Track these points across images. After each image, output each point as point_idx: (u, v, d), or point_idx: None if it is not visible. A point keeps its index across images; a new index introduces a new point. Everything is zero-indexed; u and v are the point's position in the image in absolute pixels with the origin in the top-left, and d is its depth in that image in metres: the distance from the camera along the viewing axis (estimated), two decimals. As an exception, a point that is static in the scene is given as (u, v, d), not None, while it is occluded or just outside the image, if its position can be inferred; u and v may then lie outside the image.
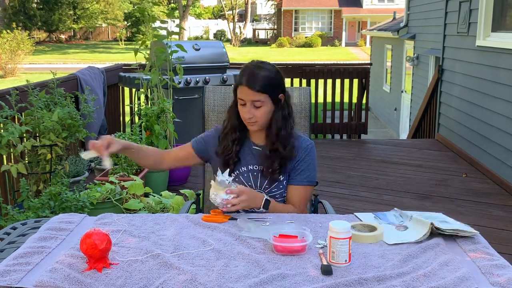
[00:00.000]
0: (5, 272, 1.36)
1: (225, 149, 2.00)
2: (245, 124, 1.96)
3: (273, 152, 1.96)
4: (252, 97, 1.88)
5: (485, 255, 1.48)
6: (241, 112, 1.94)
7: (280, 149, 1.95)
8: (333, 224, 1.45)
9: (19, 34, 21.42)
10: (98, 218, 1.79)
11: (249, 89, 1.87)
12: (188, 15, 38.16)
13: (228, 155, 1.99)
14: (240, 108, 1.94)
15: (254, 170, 2.01)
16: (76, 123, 3.61)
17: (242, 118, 1.95)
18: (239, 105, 1.93)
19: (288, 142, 1.96)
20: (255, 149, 2.02)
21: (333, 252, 1.43)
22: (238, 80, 1.92)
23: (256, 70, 1.90)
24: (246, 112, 1.90)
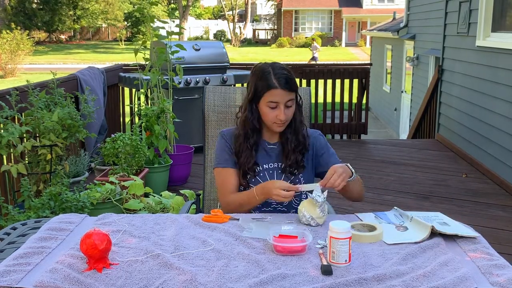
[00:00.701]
0: (5, 272, 1.36)
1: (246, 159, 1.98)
2: (272, 126, 1.96)
3: (297, 145, 2.00)
4: (287, 98, 1.91)
5: (485, 255, 1.48)
6: (271, 115, 1.92)
7: (302, 141, 2.00)
8: (333, 224, 1.46)
9: (19, 34, 21.42)
10: (98, 218, 1.79)
11: (284, 91, 1.89)
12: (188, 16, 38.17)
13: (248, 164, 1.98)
14: (268, 111, 1.93)
15: (270, 169, 2.02)
16: (76, 123, 3.61)
17: (268, 121, 1.95)
18: (268, 108, 1.92)
19: (306, 134, 2.03)
20: (270, 147, 2.03)
21: (333, 252, 1.43)
22: (265, 84, 1.91)
23: (281, 71, 1.92)
24: (281, 113, 1.91)
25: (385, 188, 4.62)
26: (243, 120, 2.00)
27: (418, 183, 4.77)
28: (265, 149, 2.03)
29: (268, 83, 1.90)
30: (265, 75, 1.92)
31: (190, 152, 4.70)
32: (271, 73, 1.91)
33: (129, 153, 3.91)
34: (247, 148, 1.98)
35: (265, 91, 1.91)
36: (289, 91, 1.91)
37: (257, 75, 1.95)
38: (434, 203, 4.23)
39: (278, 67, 1.95)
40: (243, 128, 2.00)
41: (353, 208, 4.06)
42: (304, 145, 2.01)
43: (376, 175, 5.02)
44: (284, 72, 1.92)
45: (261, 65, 1.98)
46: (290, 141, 2.00)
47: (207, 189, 2.39)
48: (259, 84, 1.93)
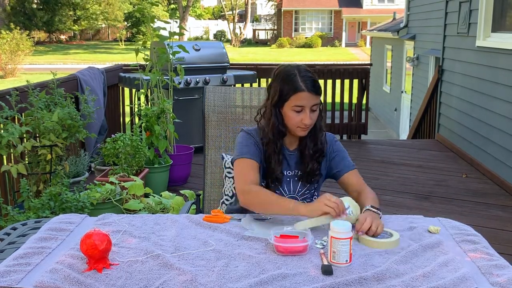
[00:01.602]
0: (5, 273, 1.36)
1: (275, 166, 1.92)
2: (295, 131, 1.89)
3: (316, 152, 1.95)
4: (313, 101, 1.86)
5: (485, 255, 1.48)
6: (296, 119, 1.86)
7: (320, 147, 1.95)
8: (334, 224, 1.46)
9: (18, 34, 21.42)
10: (98, 219, 1.79)
11: (311, 94, 1.84)
12: (188, 16, 38.18)
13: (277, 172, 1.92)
14: (293, 115, 1.86)
15: (287, 176, 1.97)
16: (76, 123, 3.61)
17: (293, 125, 1.88)
18: (293, 112, 1.86)
19: (325, 141, 1.98)
20: (289, 154, 1.98)
21: (333, 252, 1.43)
22: (291, 87, 1.84)
23: (307, 74, 1.87)
24: (307, 117, 1.85)
25: (385, 188, 4.62)
26: (271, 125, 1.91)
27: (418, 183, 4.77)
28: (284, 155, 1.97)
29: (295, 86, 1.84)
30: (291, 77, 1.86)
31: (190, 152, 4.70)
32: (297, 76, 1.85)
33: (129, 154, 3.91)
34: (275, 152, 1.92)
35: (291, 94, 1.85)
36: (316, 94, 1.86)
37: (282, 78, 1.88)
38: (434, 203, 4.23)
39: (304, 69, 1.89)
40: (272, 133, 1.91)
41: (353, 208, 4.06)
42: (322, 152, 1.96)
43: (376, 175, 5.02)
44: (310, 75, 1.87)
45: (286, 67, 1.91)
46: (309, 147, 1.95)
47: (207, 189, 2.39)
48: (285, 87, 1.86)
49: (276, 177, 1.92)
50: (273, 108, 1.90)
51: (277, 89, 1.88)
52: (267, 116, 1.93)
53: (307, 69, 1.90)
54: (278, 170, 1.92)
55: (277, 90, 1.88)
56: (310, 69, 1.91)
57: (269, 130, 1.92)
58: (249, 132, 1.97)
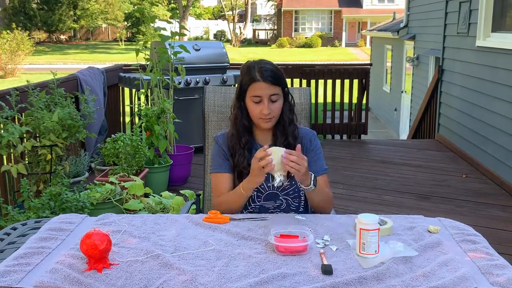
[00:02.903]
0: (5, 273, 1.36)
1: (239, 159, 1.95)
2: (258, 122, 1.93)
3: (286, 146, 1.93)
4: (270, 91, 1.88)
5: (485, 255, 1.48)
6: (256, 110, 1.90)
7: (291, 142, 1.96)
8: (363, 216, 1.50)
9: (19, 34, 21.42)
10: (98, 219, 1.79)
11: (266, 84, 1.87)
12: (188, 16, 38.17)
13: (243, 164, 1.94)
14: (253, 106, 1.91)
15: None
16: (76, 123, 3.61)
17: (255, 117, 1.93)
18: (253, 103, 1.90)
19: (297, 135, 1.99)
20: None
21: (363, 243, 1.47)
22: (248, 78, 1.90)
23: (265, 65, 1.90)
24: (265, 107, 1.88)
25: (385, 188, 4.62)
26: (234, 119, 1.98)
27: (418, 183, 4.77)
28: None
29: (251, 76, 1.89)
30: (250, 69, 1.91)
31: (190, 152, 4.70)
32: (255, 68, 1.90)
33: (129, 153, 3.91)
34: (240, 147, 1.96)
35: (248, 85, 1.90)
36: (272, 84, 1.88)
37: (243, 71, 1.94)
38: (434, 203, 4.23)
39: (264, 62, 1.93)
40: (235, 127, 1.98)
41: (353, 208, 4.07)
42: (294, 146, 1.93)
43: (376, 175, 5.03)
44: (268, 66, 1.91)
45: (248, 62, 1.97)
46: (279, 142, 1.97)
47: (207, 189, 2.39)
48: (244, 79, 1.92)
49: (241, 170, 1.95)
50: (238, 102, 1.96)
51: (239, 83, 1.95)
52: (233, 111, 1.99)
53: (269, 62, 1.94)
54: (244, 162, 1.94)
55: (239, 84, 1.95)
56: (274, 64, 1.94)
57: (235, 125, 1.97)
58: (217, 139, 2.03)
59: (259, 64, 1.91)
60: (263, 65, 1.91)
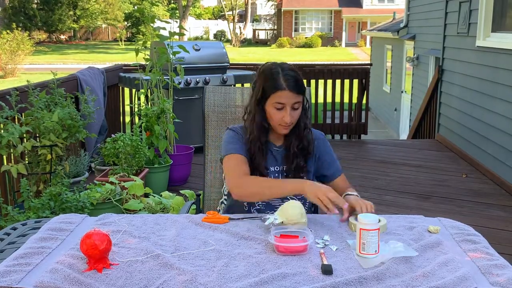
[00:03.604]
0: (5, 273, 1.36)
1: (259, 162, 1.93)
2: (277, 128, 1.92)
3: (300, 149, 1.97)
4: (294, 100, 1.87)
5: (485, 255, 1.48)
6: (277, 116, 1.88)
7: (305, 145, 1.97)
8: (363, 216, 1.50)
9: (19, 34, 21.42)
10: (98, 219, 1.79)
11: (292, 93, 1.85)
12: (188, 16, 38.18)
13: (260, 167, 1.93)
14: (275, 112, 1.88)
15: (275, 171, 1.99)
16: (76, 123, 3.61)
17: (275, 123, 1.91)
18: (274, 109, 1.88)
19: (310, 139, 1.99)
20: (276, 150, 2.00)
21: (363, 243, 1.47)
22: (272, 84, 1.86)
23: (290, 73, 1.88)
24: (287, 116, 1.86)
25: (385, 188, 4.62)
26: (254, 122, 1.94)
27: (418, 183, 4.77)
28: (271, 151, 2.00)
29: (276, 84, 1.86)
30: (274, 75, 1.88)
31: (190, 152, 4.70)
32: (279, 74, 1.87)
33: (129, 153, 3.91)
34: (259, 149, 1.94)
35: (272, 92, 1.87)
36: (297, 93, 1.87)
37: (265, 75, 1.90)
38: (434, 203, 4.23)
39: (287, 67, 1.91)
40: (255, 129, 1.94)
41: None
42: (307, 150, 1.98)
43: (376, 175, 5.03)
44: (292, 73, 1.88)
45: (269, 65, 1.94)
46: (293, 145, 1.96)
47: (207, 189, 2.39)
48: (267, 84, 1.89)
49: (261, 173, 1.94)
50: (257, 106, 1.94)
51: (260, 87, 1.91)
52: (252, 113, 1.96)
53: (292, 68, 1.92)
54: (262, 166, 1.94)
55: (260, 88, 1.91)
56: (295, 68, 1.93)
57: (253, 127, 1.94)
58: (234, 129, 2.01)
59: (283, 70, 1.88)
60: (287, 72, 1.88)
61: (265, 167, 1.96)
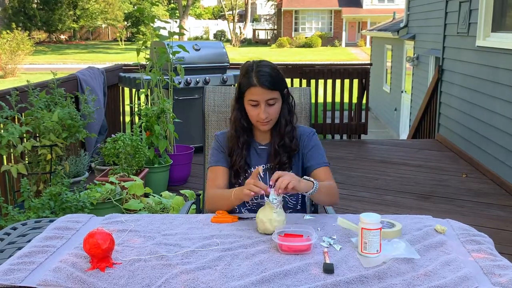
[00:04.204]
0: (9, 271, 1.37)
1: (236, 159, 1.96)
2: (256, 125, 1.95)
3: (281, 147, 1.97)
4: (267, 96, 1.88)
5: (488, 255, 1.48)
6: (253, 113, 1.91)
7: (287, 142, 1.97)
8: (364, 216, 1.49)
9: (19, 34, 21.42)
10: (105, 218, 1.80)
11: (263, 88, 1.86)
12: (188, 16, 38.17)
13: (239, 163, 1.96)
14: (251, 110, 1.91)
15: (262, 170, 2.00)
16: (76, 123, 3.61)
17: (253, 120, 1.94)
18: (250, 106, 1.91)
19: (293, 135, 1.99)
20: (261, 148, 2.02)
21: (365, 243, 1.47)
22: (246, 82, 1.89)
23: (263, 69, 1.89)
24: (262, 112, 1.88)
25: (385, 188, 4.62)
26: (233, 120, 1.98)
27: (418, 183, 4.77)
28: (256, 150, 2.02)
29: (249, 80, 1.88)
30: (248, 72, 1.90)
31: (190, 152, 4.70)
32: (253, 71, 1.89)
33: (130, 153, 3.91)
34: (238, 147, 1.97)
35: (246, 88, 1.89)
36: (270, 89, 1.87)
37: (242, 73, 1.93)
38: (434, 203, 4.23)
39: (263, 65, 1.91)
40: (233, 127, 1.98)
41: (354, 208, 4.07)
42: (290, 147, 1.97)
43: (376, 175, 5.03)
44: (266, 70, 1.88)
45: (247, 63, 1.95)
46: (275, 142, 1.97)
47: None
48: (242, 81, 1.91)
49: (238, 169, 1.96)
50: (237, 103, 1.97)
51: (238, 84, 1.95)
52: (233, 111, 1.99)
53: (268, 64, 1.92)
54: (241, 161, 1.96)
55: (237, 85, 1.95)
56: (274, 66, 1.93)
57: (231, 125, 1.98)
58: (217, 137, 2.04)
59: (257, 67, 1.89)
60: (261, 68, 1.89)
61: (247, 164, 1.98)
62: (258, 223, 1.66)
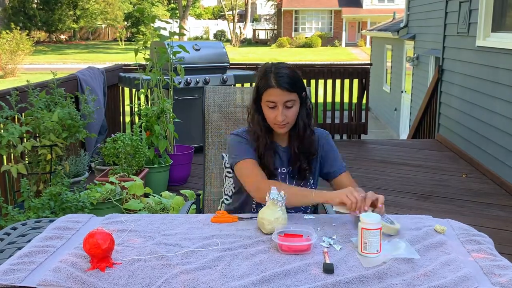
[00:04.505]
0: (9, 271, 1.37)
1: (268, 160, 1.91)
2: (273, 127, 1.91)
3: (301, 152, 1.95)
4: (285, 98, 1.85)
5: (488, 255, 1.48)
6: (271, 115, 1.88)
7: (307, 147, 1.95)
8: (364, 216, 1.50)
9: (18, 34, 21.41)
10: (105, 218, 1.80)
11: (282, 90, 1.84)
12: (188, 16, 38.17)
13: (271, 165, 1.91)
14: (268, 112, 1.88)
15: (282, 173, 1.98)
16: (76, 123, 3.61)
17: (270, 122, 1.90)
18: (268, 108, 1.88)
19: (313, 139, 1.97)
20: (282, 151, 1.98)
21: (365, 243, 1.47)
22: (264, 83, 1.86)
23: (282, 70, 1.86)
24: (279, 114, 1.85)
25: (385, 188, 4.62)
26: (255, 121, 1.93)
27: (418, 183, 4.77)
28: (278, 152, 1.98)
29: (267, 82, 1.86)
30: (266, 74, 1.87)
31: (190, 152, 4.70)
32: (271, 72, 1.86)
33: (129, 153, 3.91)
34: (266, 148, 1.92)
35: (264, 90, 1.87)
36: (288, 91, 1.84)
37: (260, 74, 1.91)
38: (434, 203, 4.23)
39: (282, 66, 1.89)
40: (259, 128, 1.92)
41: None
42: (309, 151, 1.96)
43: (376, 175, 5.03)
44: (285, 71, 1.86)
45: (266, 64, 1.93)
46: (294, 146, 1.95)
47: (207, 189, 2.39)
48: (260, 83, 1.89)
49: (271, 172, 1.92)
50: (254, 105, 1.94)
51: (255, 86, 1.92)
52: (252, 112, 1.96)
53: (287, 66, 1.90)
54: (272, 165, 1.92)
55: (255, 87, 1.92)
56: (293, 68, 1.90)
57: (255, 125, 1.94)
58: (239, 134, 1.99)
59: (276, 69, 1.87)
60: (279, 70, 1.86)
61: (275, 167, 1.94)
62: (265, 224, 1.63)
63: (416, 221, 1.76)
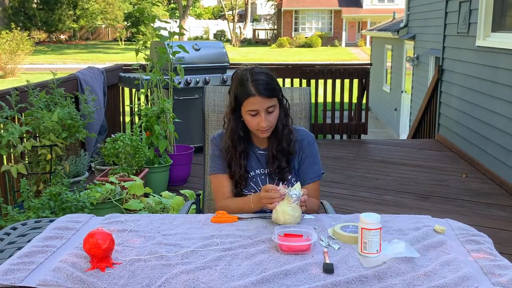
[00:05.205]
0: (9, 271, 1.37)
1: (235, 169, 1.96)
2: (256, 133, 1.93)
3: (280, 151, 1.96)
4: (267, 104, 1.85)
5: (488, 255, 1.48)
6: (253, 122, 1.88)
7: (285, 146, 1.96)
8: (364, 216, 1.50)
9: (18, 34, 21.41)
10: (105, 218, 1.80)
11: (262, 97, 1.84)
12: (188, 15, 38.17)
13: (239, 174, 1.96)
14: (250, 120, 1.88)
15: (261, 174, 2.00)
16: (76, 123, 3.61)
17: (253, 129, 1.92)
18: (249, 116, 1.88)
19: (291, 138, 1.98)
20: (260, 153, 2.01)
21: (365, 243, 1.47)
22: (243, 92, 1.85)
23: (259, 77, 1.86)
24: (262, 121, 1.86)
25: (385, 188, 4.62)
26: (229, 131, 1.96)
27: (418, 183, 4.77)
28: (256, 155, 2.01)
29: (246, 90, 1.84)
30: (243, 82, 1.86)
31: (190, 152, 4.70)
32: (249, 80, 1.85)
33: (129, 153, 3.91)
34: (236, 157, 1.96)
35: (244, 99, 1.86)
36: (269, 97, 1.85)
37: (236, 83, 1.89)
38: (434, 203, 4.23)
39: (257, 72, 1.88)
40: (230, 138, 1.96)
41: (353, 208, 4.07)
42: (288, 151, 1.97)
43: (376, 175, 5.02)
44: (262, 78, 1.86)
45: (240, 72, 1.92)
46: (272, 147, 1.97)
47: (207, 189, 2.39)
48: (238, 92, 1.88)
49: (238, 178, 1.97)
50: (232, 114, 1.94)
51: (232, 95, 1.91)
52: (229, 122, 1.97)
53: (262, 71, 1.90)
54: (240, 171, 1.96)
55: (232, 95, 1.91)
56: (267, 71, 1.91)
57: (233, 134, 1.95)
58: (214, 140, 2.04)
59: (252, 76, 1.86)
60: (257, 77, 1.86)
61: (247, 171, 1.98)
62: (273, 212, 1.71)
63: (415, 221, 1.76)
